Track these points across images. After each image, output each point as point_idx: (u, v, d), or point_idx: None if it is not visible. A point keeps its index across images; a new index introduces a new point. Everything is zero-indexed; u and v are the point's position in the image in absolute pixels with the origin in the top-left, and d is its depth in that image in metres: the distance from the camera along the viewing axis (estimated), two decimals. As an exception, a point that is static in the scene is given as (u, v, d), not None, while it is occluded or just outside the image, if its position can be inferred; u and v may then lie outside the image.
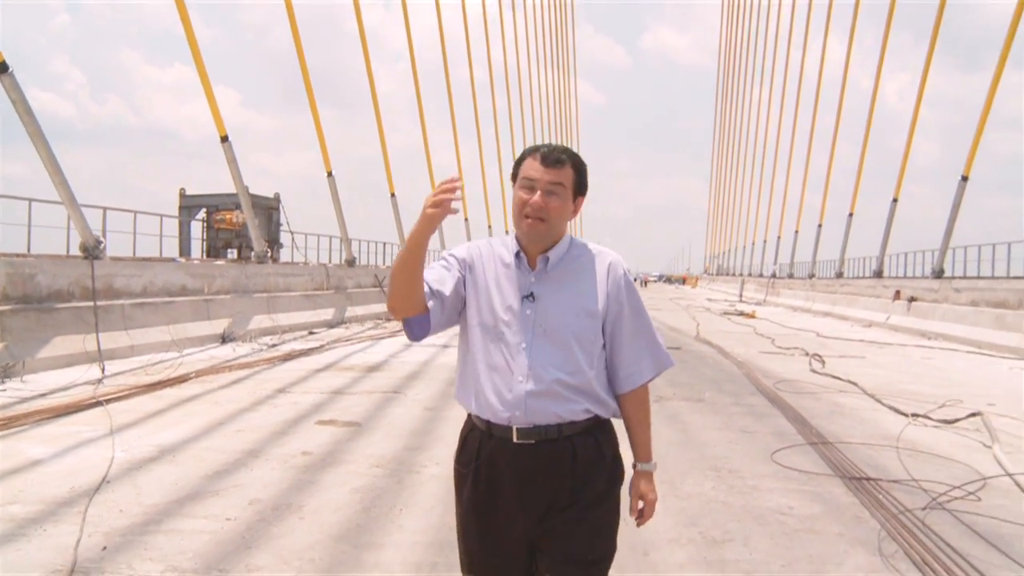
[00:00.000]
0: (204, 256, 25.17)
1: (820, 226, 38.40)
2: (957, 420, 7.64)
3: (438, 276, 2.34)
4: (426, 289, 2.28)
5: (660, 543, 4.25)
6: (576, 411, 2.25)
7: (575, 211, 2.37)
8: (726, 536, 4.37)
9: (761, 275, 53.03)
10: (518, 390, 2.23)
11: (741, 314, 28.27)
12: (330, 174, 22.96)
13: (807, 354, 13.96)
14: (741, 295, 46.20)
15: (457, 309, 2.37)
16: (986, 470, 5.84)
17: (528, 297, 2.30)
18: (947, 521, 4.64)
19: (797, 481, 5.50)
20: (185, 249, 24.50)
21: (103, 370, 11.03)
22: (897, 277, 28.88)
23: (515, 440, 2.24)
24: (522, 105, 56.75)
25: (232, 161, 17.66)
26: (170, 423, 7.49)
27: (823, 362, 12.78)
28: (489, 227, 43.22)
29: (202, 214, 26.53)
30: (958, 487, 5.30)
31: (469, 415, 2.39)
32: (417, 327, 2.32)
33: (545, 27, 67.88)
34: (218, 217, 25.56)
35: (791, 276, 44.16)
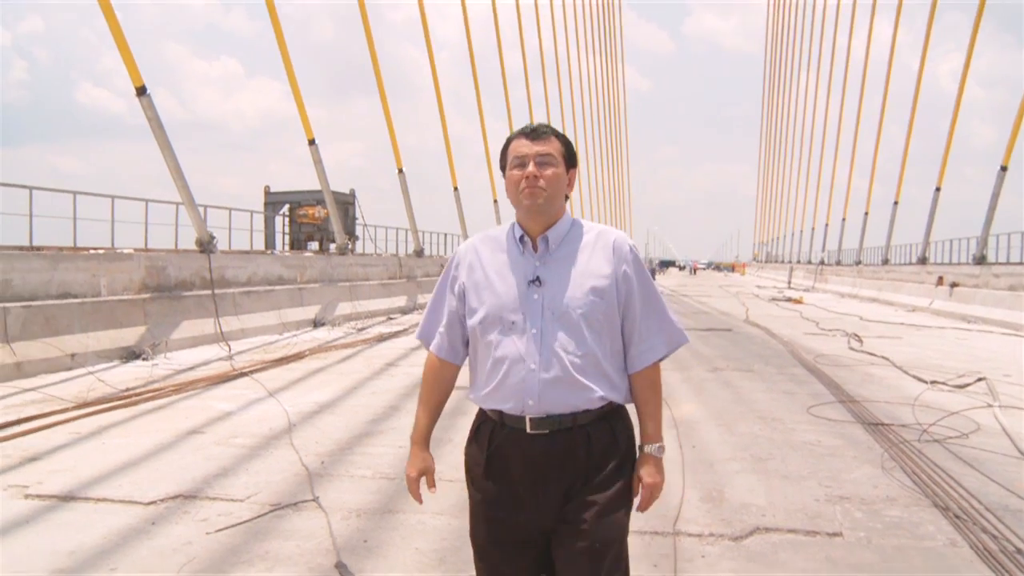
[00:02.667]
0: (288, 249, 27.20)
1: (866, 214, 39.44)
2: (967, 385, 9.06)
3: (449, 323, 2.47)
4: (447, 347, 2.48)
5: (721, 460, 5.81)
6: (591, 399, 2.24)
7: (570, 184, 2.39)
8: (768, 456, 5.93)
9: (809, 262, 53.85)
10: (531, 379, 2.22)
11: (788, 300, 29.45)
12: (400, 171, 24.71)
13: (847, 335, 15.31)
14: (790, 282, 47.12)
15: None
16: (983, 421, 7.28)
17: (534, 282, 2.28)
18: (938, 451, 6.10)
19: (826, 426, 7.01)
20: (270, 243, 26.62)
21: (229, 348, 12.86)
22: (941, 263, 29.83)
23: (529, 431, 2.24)
24: (572, 92, 57.96)
25: (318, 162, 19.45)
26: (312, 388, 9.20)
27: (861, 341, 14.15)
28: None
29: (285, 209, 28.62)
30: (948, 427, 6.77)
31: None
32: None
33: (591, 14, 68.83)
34: (300, 212, 27.71)
35: (839, 263, 45.07)
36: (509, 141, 2.37)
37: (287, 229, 28.71)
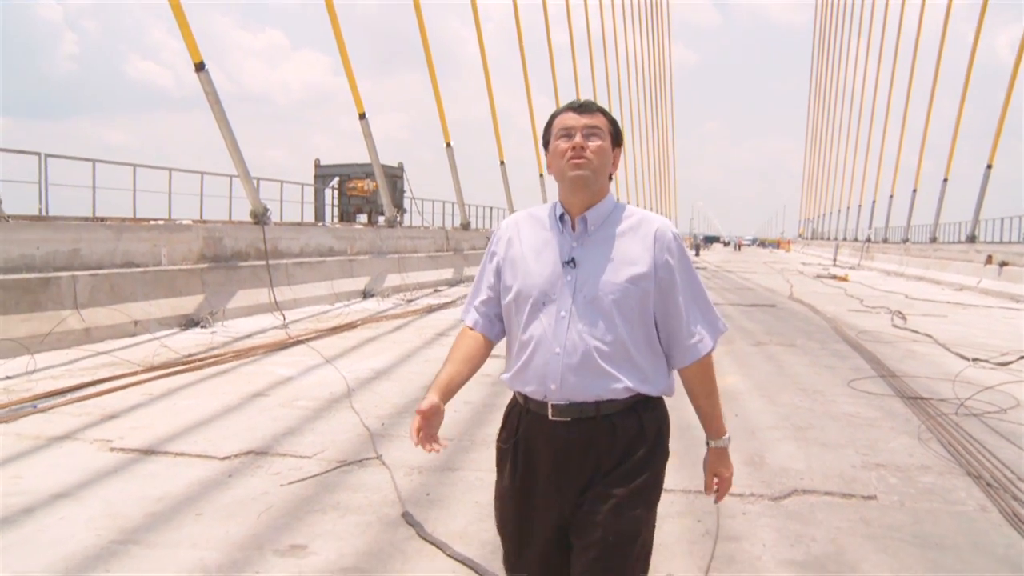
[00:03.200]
0: (337, 221, 27.74)
1: (915, 191, 38.99)
2: (1010, 362, 9.17)
3: (487, 298, 2.41)
4: (483, 320, 2.40)
5: (763, 429, 6.05)
6: (616, 389, 2.16)
7: (614, 164, 2.33)
8: (809, 426, 6.15)
9: (856, 240, 53.31)
10: (554, 363, 2.16)
11: (834, 277, 29.32)
12: (448, 145, 25.01)
13: (891, 312, 15.35)
14: (835, 259, 46.73)
15: None
16: (1023, 398, 7.41)
17: (569, 263, 2.21)
18: (976, 424, 6.27)
19: (865, 399, 7.20)
20: (320, 215, 27.20)
21: (284, 317, 13.30)
22: (991, 242, 29.51)
23: (551, 417, 2.18)
24: (618, 68, 57.71)
25: (368, 135, 19.80)
26: (367, 355, 9.57)
27: (904, 318, 14.20)
28: None
29: (335, 182, 29.16)
30: (987, 402, 6.92)
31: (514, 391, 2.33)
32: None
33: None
34: (350, 185, 28.26)
35: (885, 241, 44.59)
36: (555, 115, 2.31)
37: (336, 201, 29.27)
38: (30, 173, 15.50)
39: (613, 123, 2.31)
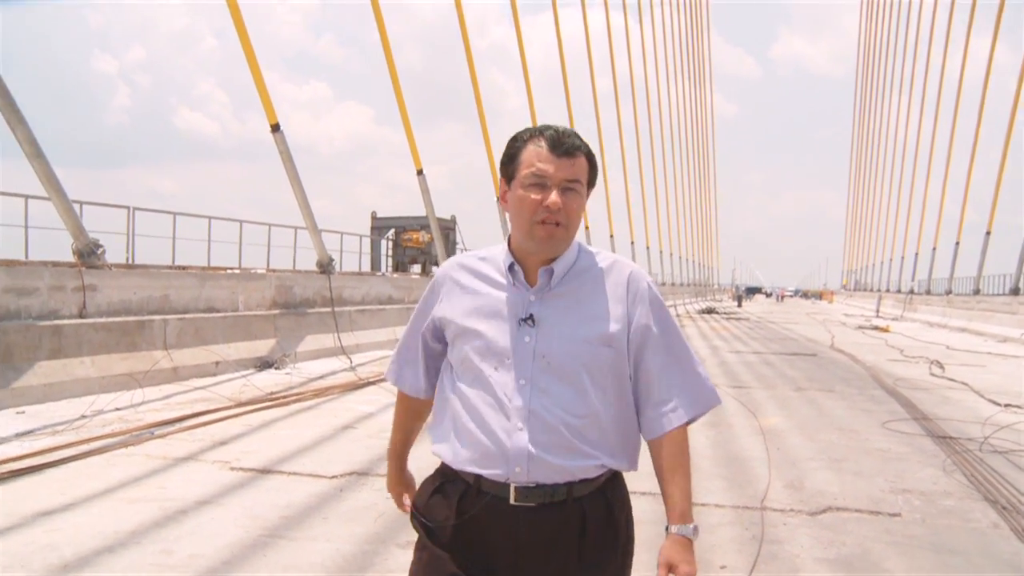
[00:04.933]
0: (392, 271, 28.87)
1: (957, 244, 39.23)
2: (1039, 408, 9.76)
3: (423, 356, 2.18)
4: (422, 384, 2.20)
5: (802, 460, 6.76)
6: (589, 467, 1.90)
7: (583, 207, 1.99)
8: (844, 458, 6.85)
9: (899, 291, 53.40)
10: (517, 441, 1.86)
11: (875, 328, 29.69)
12: (499, 199, 25.95)
13: (930, 362, 15.88)
14: (878, 311, 46.88)
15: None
16: (1047, 438, 8.01)
17: (526, 320, 1.91)
18: (999, 460, 6.90)
19: (898, 437, 7.86)
20: (376, 264, 28.36)
21: (351, 360, 14.21)
22: (1034, 295, 29.69)
23: (512, 501, 1.88)
24: (660, 117, 58.71)
25: (425, 191, 20.85)
26: (435, 395, 10.38)
27: (943, 367, 14.73)
28: (611, 236, 43.62)
29: (391, 234, 30.41)
30: (1012, 441, 7.55)
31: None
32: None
33: (680, 38, 69.51)
34: (405, 236, 29.55)
35: (928, 293, 44.73)
36: (524, 143, 1.92)
37: (391, 252, 30.46)
38: (108, 223, 16.70)
39: (592, 164, 1.96)
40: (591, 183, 1.98)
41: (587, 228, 36.42)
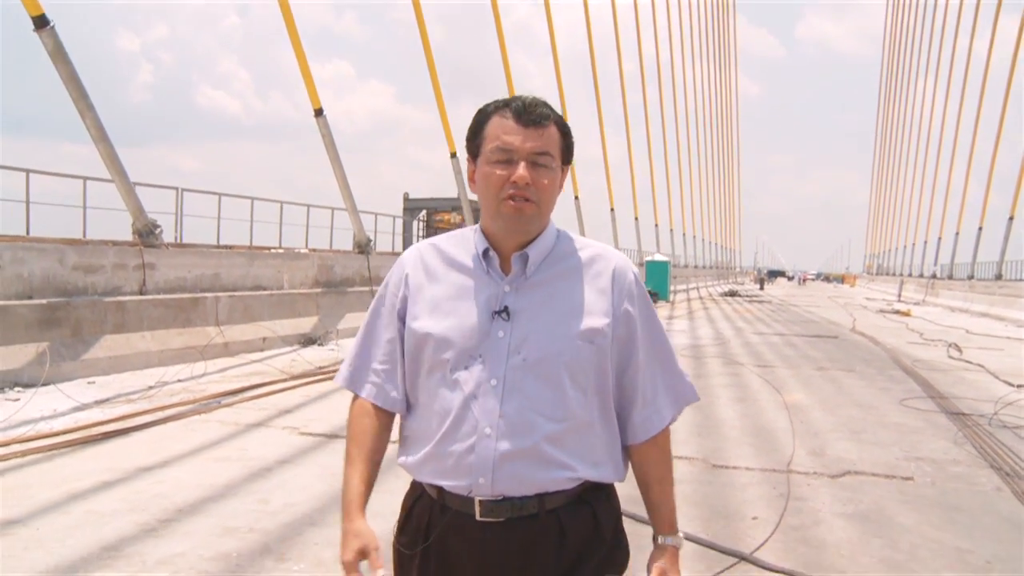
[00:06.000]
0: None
1: (980, 229, 39.44)
2: (1052, 388, 10.24)
3: (385, 358, 1.84)
4: (382, 389, 1.84)
5: (824, 432, 7.31)
6: (562, 478, 1.70)
7: (561, 185, 1.80)
8: (862, 430, 7.40)
9: (921, 275, 53.52)
10: (485, 448, 1.66)
11: (897, 312, 30.03)
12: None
13: (949, 345, 16.32)
14: (900, 295, 47.01)
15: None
16: (1055, 416, 8.51)
17: (500, 313, 1.71)
18: (1007, 434, 7.41)
19: (913, 414, 8.38)
20: (408, 245, 28.98)
21: (389, 338, 14.85)
22: (1056, 280, 29.95)
23: (478, 517, 1.69)
24: (685, 99, 58.89)
25: (458, 172, 21.43)
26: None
27: (960, 350, 15.17)
28: (636, 219, 43.66)
29: (422, 215, 31.13)
30: (1021, 417, 8.07)
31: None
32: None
33: (704, 19, 69.47)
34: (437, 217, 30.40)
35: (951, 277, 44.89)
36: (488, 115, 1.74)
37: (423, 233, 31.18)
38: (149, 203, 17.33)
39: (566, 135, 1.78)
40: (566, 158, 1.79)
41: (612, 210, 36.89)
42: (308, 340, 13.97)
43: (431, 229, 30.83)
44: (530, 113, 1.70)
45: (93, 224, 14.71)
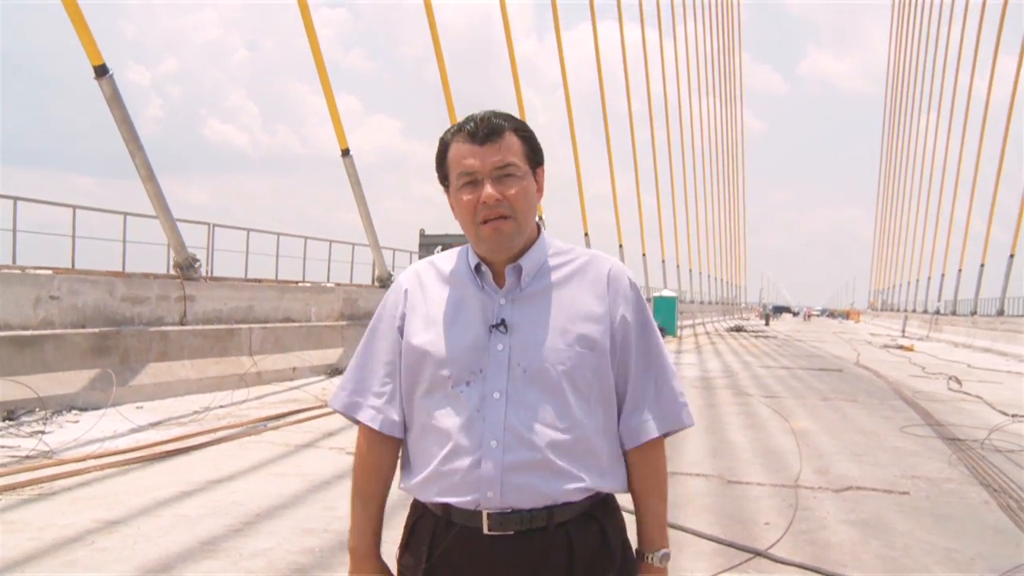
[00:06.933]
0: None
1: (982, 266, 40.14)
2: (1043, 418, 10.85)
3: (386, 381, 1.83)
4: (386, 415, 1.82)
5: (828, 454, 7.93)
6: (571, 490, 1.67)
7: (539, 188, 1.78)
8: (864, 453, 8.02)
9: (925, 311, 54.03)
10: (490, 461, 1.65)
11: (900, 347, 30.56)
12: (540, 218, 27.28)
13: (949, 378, 16.90)
14: (903, 330, 47.48)
15: None
16: (1045, 443, 9.10)
17: (498, 326, 1.71)
18: (999, 457, 8.00)
19: (912, 439, 8.99)
20: (423, 279, 29.76)
21: (411, 369, 15.51)
22: (1056, 316, 30.51)
23: (486, 531, 1.66)
24: (692, 135, 59.82)
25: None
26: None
27: (960, 383, 15.75)
28: (644, 255, 44.42)
29: (438, 250, 31.87)
30: (1013, 443, 8.66)
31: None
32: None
33: (709, 56, 70.50)
34: (451, 253, 30.98)
35: (954, 313, 45.43)
36: (447, 144, 1.75)
37: (438, 267, 31.89)
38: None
39: (527, 139, 1.76)
40: (535, 161, 1.77)
41: (620, 247, 37.63)
42: (335, 371, 14.60)
43: (445, 264, 31.51)
44: (482, 130, 1.69)
45: (106, 253, 15.46)
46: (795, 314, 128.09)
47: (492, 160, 1.67)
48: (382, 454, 1.86)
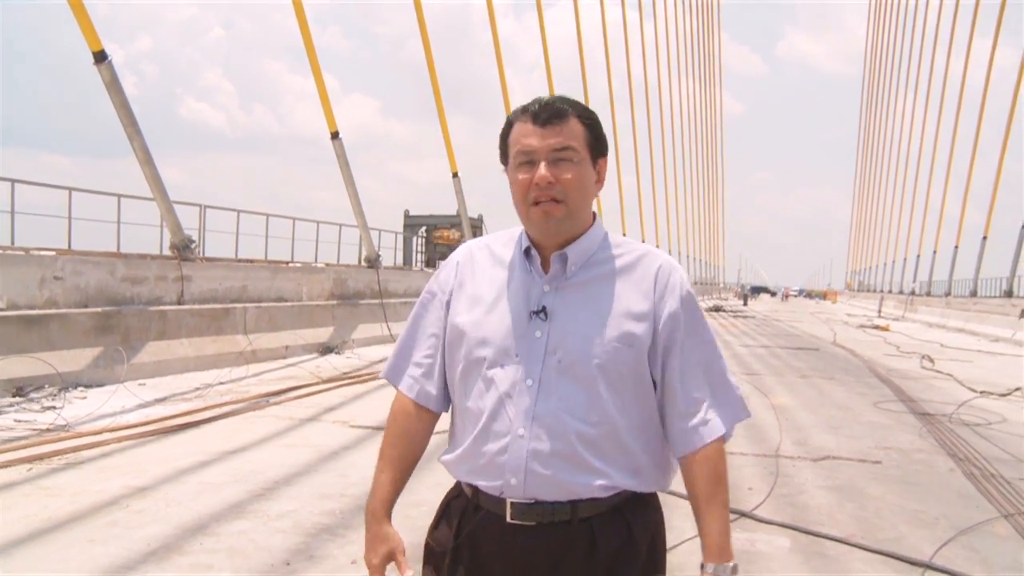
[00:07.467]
0: (424, 267, 30.68)
1: (956, 247, 40.84)
2: (1009, 393, 11.37)
3: (429, 353, 1.86)
4: (424, 385, 1.87)
5: (807, 427, 8.39)
6: (596, 486, 1.66)
7: (599, 180, 1.76)
8: (840, 426, 8.50)
9: (901, 292, 54.87)
10: (516, 449, 1.65)
11: (876, 327, 31.18)
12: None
13: (922, 357, 17.47)
14: (880, 311, 48.17)
15: None
16: (1010, 417, 9.60)
17: (539, 313, 1.69)
18: (966, 431, 8.49)
19: (886, 413, 9.48)
20: (408, 260, 30.12)
21: (401, 347, 15.87)
22: (1026, 297, 31.24)
23: (508, 519, 1.68)
24: (672, 117, 60.21)
25: (459, 192, 22.53)
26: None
27: (932, 362, 16.31)
28: (624, 235, 44.69)
29: (422, 231, 32.22)
30: (979, 417, 9.15)
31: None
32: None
33: (688, 37, 70.81)
34: (437, 234, 31.47)
35: (929, 294, 46.25)
36: (511, 123, 1.75)
37: (423, 248, 32.28)
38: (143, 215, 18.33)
39: (591, 125, 1.74)
40: (597, 150, 1.75)
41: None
42: (326, 349, 14.95)
43: (430, 245, 32.02)
44: (545, 112, 1.68)
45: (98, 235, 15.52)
46: (773, 294, 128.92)
47: (551, 142, 1.67)
48: (411, 423, 1.89)
